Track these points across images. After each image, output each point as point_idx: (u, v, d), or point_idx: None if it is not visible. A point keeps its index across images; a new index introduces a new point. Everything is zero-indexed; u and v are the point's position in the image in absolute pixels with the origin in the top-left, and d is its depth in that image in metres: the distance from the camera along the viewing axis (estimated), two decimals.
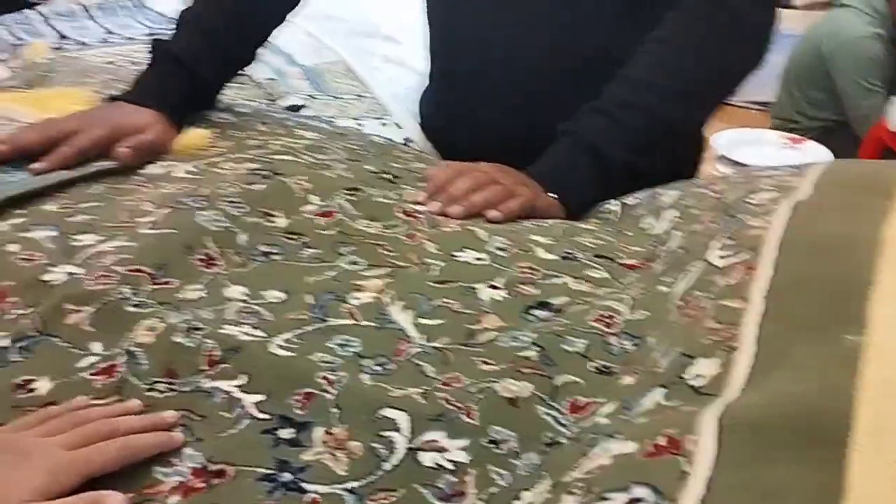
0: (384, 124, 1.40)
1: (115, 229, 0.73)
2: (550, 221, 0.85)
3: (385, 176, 0.88)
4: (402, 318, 0.66)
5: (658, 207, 0.84)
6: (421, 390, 0.58)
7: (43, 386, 0.57)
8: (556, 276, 0.72)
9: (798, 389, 0.43)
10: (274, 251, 0.74)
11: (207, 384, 0.58)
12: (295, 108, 1.30)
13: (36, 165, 0.81)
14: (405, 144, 1.33)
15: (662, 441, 0.43)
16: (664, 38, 0.92)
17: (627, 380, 0.57)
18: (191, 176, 0.83)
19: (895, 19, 2.25)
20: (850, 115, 2.28)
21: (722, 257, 0.62)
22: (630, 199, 0.90)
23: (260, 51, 1.44)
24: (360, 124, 1.38)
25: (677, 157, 1.08)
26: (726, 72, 0.94)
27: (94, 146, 0.84)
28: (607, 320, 0.64)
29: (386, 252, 0.75)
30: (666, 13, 0.93)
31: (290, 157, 0.89)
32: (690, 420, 0.43)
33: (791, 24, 4.21)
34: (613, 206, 0.91)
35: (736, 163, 1.64)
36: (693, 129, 1.11)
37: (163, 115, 0.90)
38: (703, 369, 0.50)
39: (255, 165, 0.84)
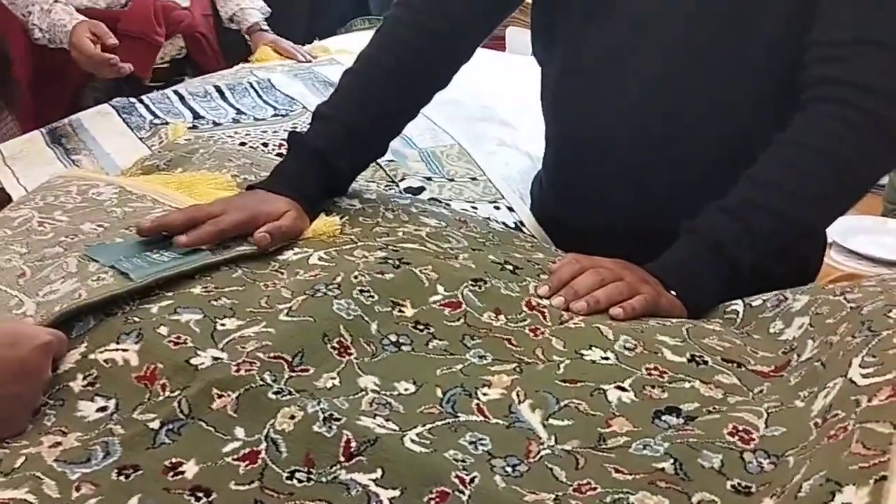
0: (497, 207, 1.43)
1: (256, 314, 0.77)
2: (675, 321, 0.85)
3: (507, 267, 0.90)
4: (531, 416, 0.67)
5: (788, 312, 0.83)
6: (554, 496, 0.58)
7: (190, 469, 0.60)
8: (685, 380, 0.72)
9: None
10: (403, 341, 0.76)
11: (344, 475, 0.60)
12: (415, 191, 1.34)
13: (181, 239, 0.87)
14: (519, 229, 1.36)
15: None
16: (795, 139, 0.91)
17: (767, 502, 0.56)
18: (324, 263, 0.87)
19: None
20: None
21: (864, 376, 0.61)
22: (755, 301, 0.89)
23: None
24: (474, 206, 1.41)
25: (801, 256, 1.06)
26: (859, 175, 0.93)
27: (235, 229, 0.90)
28: (743, 434, 0.63)
29: (512, 346, 0.77)
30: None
31: (416, 246, 0.92)
32: None
33: None
34: (737, 306, 0.90)
35: (851, 251, 1.60)
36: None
37: (299, 203, 0.96)
38: (850, 497, 0.49)
39: (383, 254, 0.88)
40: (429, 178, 1.47)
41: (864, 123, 0.89)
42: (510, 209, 1.43)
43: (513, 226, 1.39)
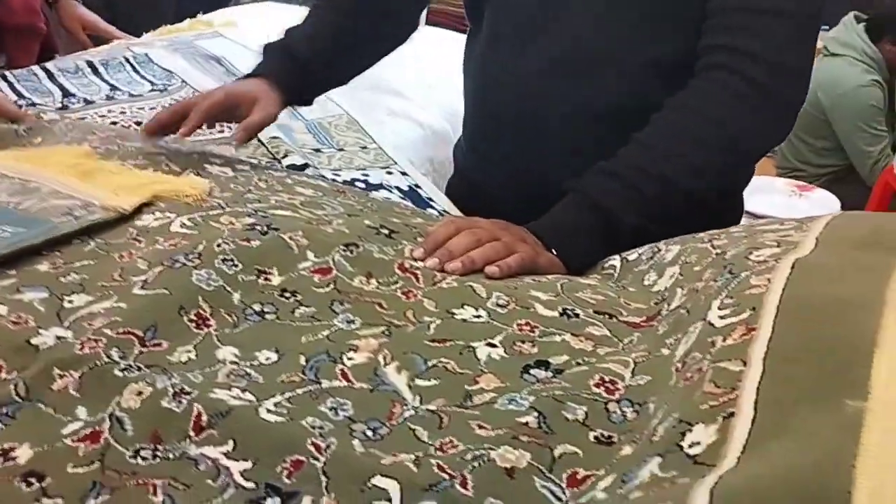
0: (390, 173, 1.40)
1: (107, 289, 0.72)
2: (551, 277, 0.84)
3: (383, 231, 0.88)
4: (397, 379, 0.65)
5: (661, 263, 0.83)
6: (414, 457, 0.56)
7: (23, 454, 0.56)
8: (556, 334, 0.71)
9: (798, 460, 0.41)
10: (268, 310, 0.73)
11: (193, 450, 0.57)
12: (298, 168, 1.30)
13: (182, 130, 1.02)
14: (415, 191, 1.34)
15: None
16: (684, 105, 0.92)
17: (627, 450, 0.55)
18: (186, 231, 0.83)
19: (889, 64, 2.27)
20: (857, 162, 2.28)
21: (722, 317, 0.61)
22: (631, 255, 0.89)
23: None
24: (365, 174, 1.38)
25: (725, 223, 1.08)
26: (746, 146, 0.93)
27: (215, 107, 1.03)
28: (608, 385, 0.63)
29: (382, 310, 0.75)
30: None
31: (287, 213, 0.89)
32: (684, 493, 0.42)
33: None
34: (614, 261, 0.90)
35: (745, 212, 1.63)
36: (731, 197, 1.14)
37: (268, 80, 1.07)
38: (700, 436, 0.49)
39: (251, 220, 0.84)
40: (317, 150, 1.43)
41: (751, 94, 0.90)
42: (403, 174, 1.41)
43: (406, 188, 1.36)
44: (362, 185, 1.30)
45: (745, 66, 0.89)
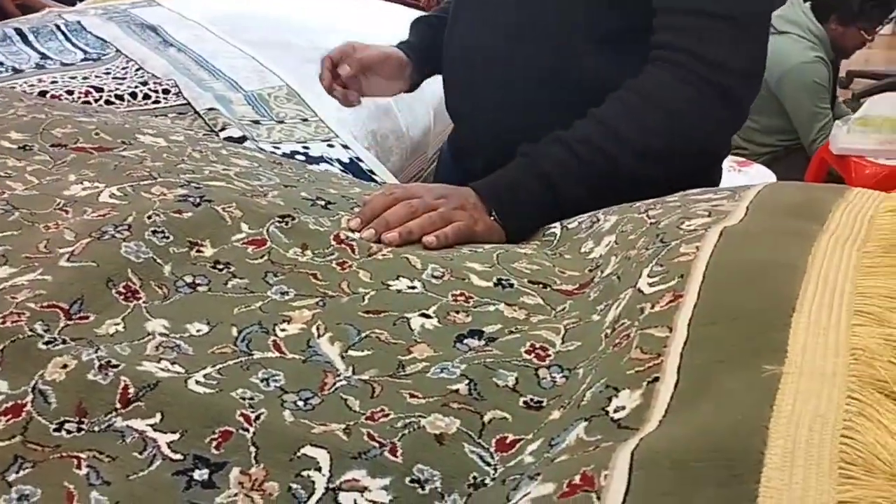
0: (331, 146, 1.39)
1: (32, 261, 0.70)
2: (487, 246, 0.84)
3: (319, 202, 0.87)
4: (330, 349, 0.65)
5: (599, 231, 0.84)
6: (344, 426, 0.56)
7: None
8: (490, 304, 0.71)
9: (715, 422, 0.42)
10: (200, 282, 0.72)
11: (120, 423, 0.56)
12: (236, 140, 1.28)
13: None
14: (356, 164, 1.33)
15: (577, 479, 0.42)
16: (642, 89, 0.93)
17: (555, 414, 0.56)
18: (116, 201, 0.81)
19: (833, 42, 2.31)
20: (804, 139, 2.32)
21: (651, 284, 0.62)
22: (572, 223, 0.90)
23: (204, 76, 1.43)
24: (306, 147, 1.37)
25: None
26: (695, 137, 0.95)
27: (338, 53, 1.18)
28: (539, 352, 0.63)
29: (317, 281, 0.74)
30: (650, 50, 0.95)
31: (222, 183, 0.88)
32: (606, 456, 0.43)
33: None
34: (555, 228, 0.91)
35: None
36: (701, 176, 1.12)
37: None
38: (625, 401, 0.50)
39: (184, 191, 0.82)
40: (256, 122, 1.41)
41: (704, 91, 0.91)
42: (345, 147, 1.40)
43: (347, 161, 1.35)
44: (302, 158, 1.29)
45: (698, 66, 0.91)
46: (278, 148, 1.33)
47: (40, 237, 0.74)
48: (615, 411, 0.50)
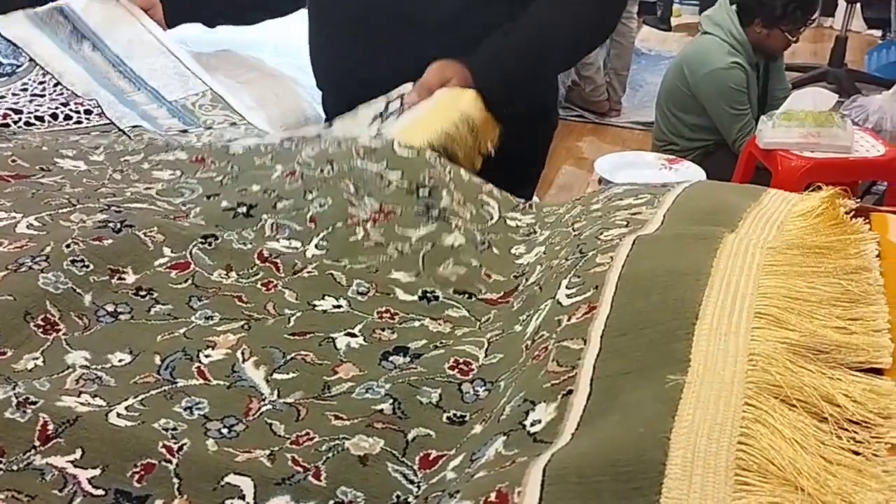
0: None
1: None
2: (415, 241, 0.83)
3: (241, 209, 0.86)
4: (255, 374, 0.65)
5: (532, 242, 0.85)
6: (269, 451, 0.57)
7: None
8: (416, 319, 0.72)
9: (620, 434, 0.44)
10: (122, 310, 0.72)
11: (39, 461, 0.55)
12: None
13: None
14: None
15: (493, 497, 0.43)
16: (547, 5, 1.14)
17: (477, 428, 0.57)
18: (34, 231, 0.80)
19: (755, 45, 2.38)
20: (726, 138, 2.39)
21: (569, 296, 0.63)
22: (511, 220, 0.90)
23: (124, 86, 1.40)
24: None
25: (542, 105, 1.34)
26: (591, 31, 1.21)
27: None
28: (463, 367, 0.65)
29: (242, 303, 0.74)
30: None
31: (144, 205, 0.87)
32: (521, 472, 0.44)
33: (669, 46, 4.40)
34: (491, 208, 0.91)
35: (616, 185, 1.70)
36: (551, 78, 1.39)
37: None
38: (541, 415, 0.51)
39: (104, 216, 0.82)
40: (184, 131, 1.40)
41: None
42: None
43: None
44: None
45: None
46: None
47: None
48: (532, 425, 0.51)
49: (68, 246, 0.76)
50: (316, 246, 0.82)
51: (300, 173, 0.91)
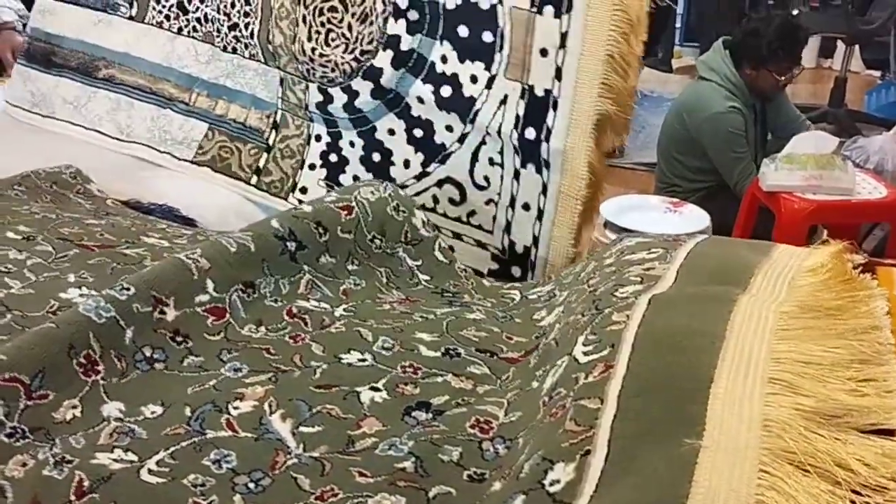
0: None
1: None
2: (438, 313, 0.84)
3: (289, 246, 0.86)
4: (281, 426, 0.65)
5: (552, 304, 0.86)
6: None
7: None
8: (438, 375, 0.72)
9: (639, 499, 0.44)
10: (157, 356, 0.72)
11: None
12: None
13: None
14: None
15: None
16: None
17: (496, 486, 0.57)
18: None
19: (753, 89, 2.38)
20: (727, 181, 2.38)
21: (585, 353, 0.63)
22: (531, 294, 0.92)
23: None
24: None
25: None
26: None
27: None
28: (483, 425, 0.64)
29: (270, 356, 0.74)
30: None
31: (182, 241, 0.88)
32: None
33: (670, 87, 4.41)
34: (514, 294, 0.93)
35: (622, 228, 1.69)
36: None
37: None
38: (560, 474, 0.51)
39: (139, 250, 0.83)
40: None
41: None
42: None
43: None
44: None
45: None
46: None
47: None
48: (551, 484, 0.51)
49: (112, 271, 0.76)
50: (344, 309, 0.83)
51: (354, 241, 0.91)
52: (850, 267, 0.70)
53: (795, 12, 3.53)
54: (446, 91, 1.11)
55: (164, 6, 1.39)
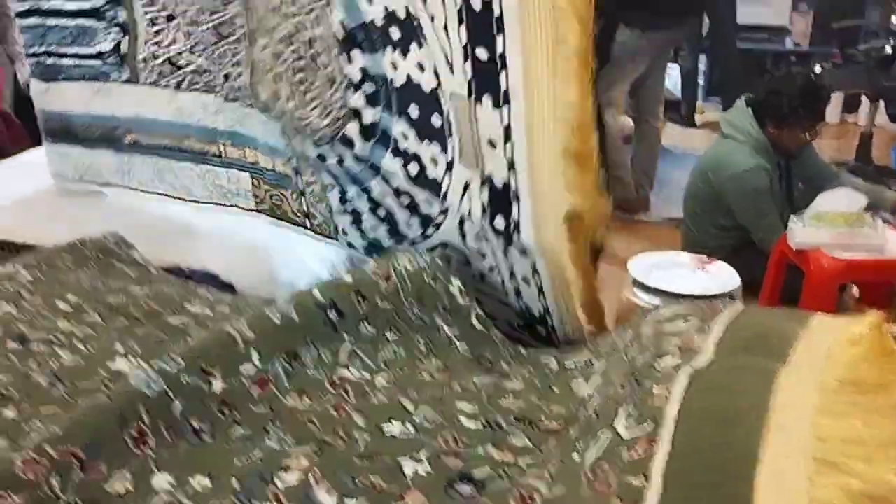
0: None
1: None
2: (477, 382, 0.85)
3: (331, 315, 0.87)
4: (327, 499, 0.66)
5: (590, 373, 0.86)
6: None
7: None
8: (479, 446, 0.73)
9: None
10: (205, 429, 0.73)
11: None
12: None
13: None
14: None
15: None
16: None
17: None
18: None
19: (777, 146, 2.38)
20: (754, 237, 2.37)
21: (627, 427, 0.63)
22: (569, 363, 0.92)
23: None
24: None
25: None
26: None
27: None
28: (528, 499, 0.64)
29: (314, 427, 0.75)
30: None
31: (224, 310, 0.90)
32: None
33: (694, 143, 4.43)
34: (552, 363, 0.93)
35: (651, 288, 1.70)
36: None
37: None
38: None
39: (184, 319, 0.84)
40: None
41: None
42: None
43: None
44: None
45: None
46: None
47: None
48: None
49: (158, 341, 0.78)
50: (385, 379, 0.84)
51: (393, 310, 0.92)
52: (891, 338, 0.70)
53: (818, 69, 3.55)
54: (414, 168, 1.05)
55: (154, 65, 1.35)
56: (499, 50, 0.88)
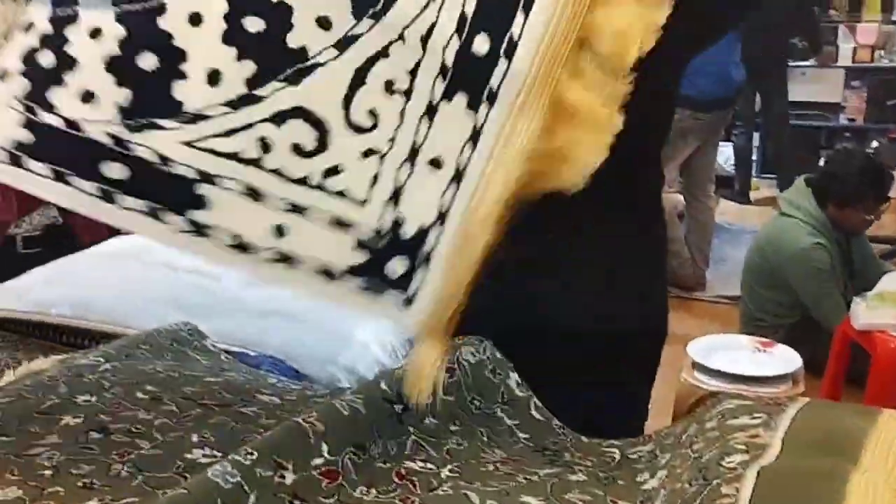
0: None
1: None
2: (542, 474, 0.86)
3: (396, 408, 0.88)
4: None
5: (654, 466, 0.86)
6: None
7: None
8: None
9: None
10: None
11: None
12: None
13: None
14: None
15: None
16: None
17: None
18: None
19: (838, 226, 2.36)
20: (815, 316, 2.34)
21: None
22: (632, 454, 0.92)
23: None
24: None
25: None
26: None
27: None
28: None
29: None
30: None
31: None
32: None
33: (749, 220, 4.39)
34: (615, 452, 0.93)
35: (711, 370, 1.69)
36: None
37: None
38: None
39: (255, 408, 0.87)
40: None
41: None
42: None
43: None
44: None
45: None
46: None
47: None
48: None
49: (232, 430, 0.80)
50: (450, 470, 0.84)
51: (455, 402, 0.93)
52: None
53: (875, 144, 3.53)
54: None
55: None
56: None
